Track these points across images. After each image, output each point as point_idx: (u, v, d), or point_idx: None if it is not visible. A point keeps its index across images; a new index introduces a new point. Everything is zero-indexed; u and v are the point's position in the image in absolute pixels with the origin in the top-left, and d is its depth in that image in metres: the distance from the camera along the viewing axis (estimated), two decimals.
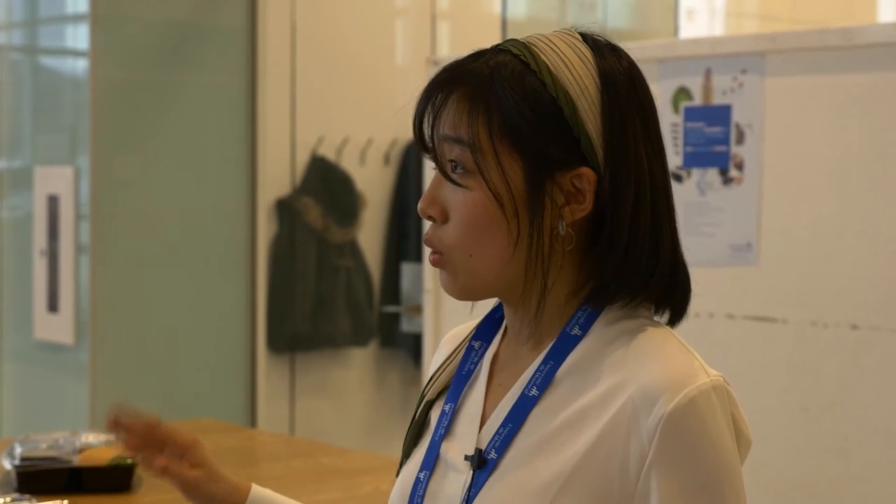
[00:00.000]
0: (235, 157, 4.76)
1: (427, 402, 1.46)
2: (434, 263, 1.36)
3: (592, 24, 1.40)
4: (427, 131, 1.34)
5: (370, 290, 5.17)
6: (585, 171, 1.31)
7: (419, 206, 1.35)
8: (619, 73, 1.33)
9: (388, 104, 5.13)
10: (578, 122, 1.30)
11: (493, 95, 1.30)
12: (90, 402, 4.41)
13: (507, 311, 1.40)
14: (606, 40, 1.37)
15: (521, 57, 1.32)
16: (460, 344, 1.47)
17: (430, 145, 1.35)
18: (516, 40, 1.36)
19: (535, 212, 1.30)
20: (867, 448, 2.80)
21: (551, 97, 1.30)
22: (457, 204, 1.32)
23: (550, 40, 1.34)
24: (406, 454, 1.45)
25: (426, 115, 1.34)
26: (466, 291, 1.36)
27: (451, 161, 1.32)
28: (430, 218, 1.35)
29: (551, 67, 1.31)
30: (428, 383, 1.47)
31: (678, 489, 1.24)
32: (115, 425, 1.55)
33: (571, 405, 1.30)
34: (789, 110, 2.95)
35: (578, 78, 1.31)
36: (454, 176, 1.32)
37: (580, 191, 1.31)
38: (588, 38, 1.36)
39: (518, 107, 1.30)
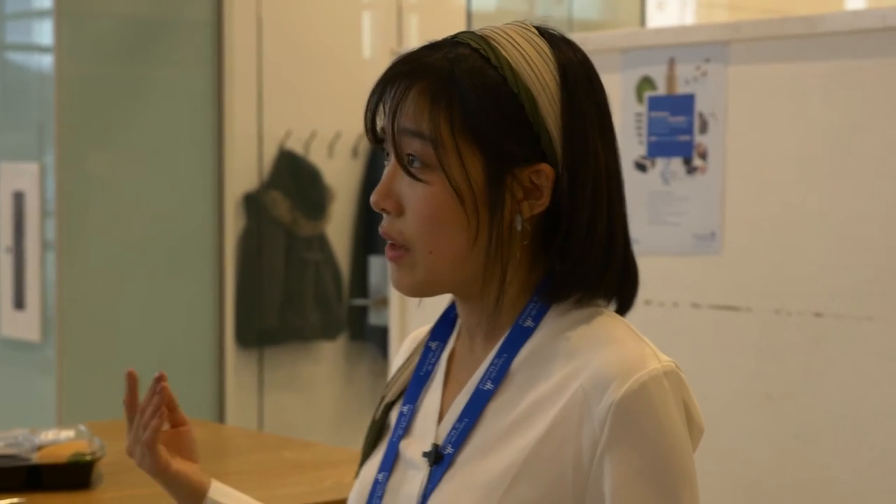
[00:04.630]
0: (202, 152, 4.74)
1: (386, 404, 1.45)
2: (393, 259, 1.34)
3: (548, 16, 1.40)
4: (379, 122, 1.33)
5: (339, 284, 5.16)
6: (544, 167, 1.31)
7: (372, 198, 1.33)
8: (576, 68, 1.33)
9: (355, 97, 5.05)
10: (539, 118, 1.30)
11: (454, 90, 1.29)
12: (57, 400, 4.38)
13: (461, 308, 1.39)
14: (560, 33, 1.36)
15: (482, 51, 1.31)
16: (418, 345, 1.47)
17: (382, 136, 1.34)
18: (473, 33, 1.35)
19: (495, 207, 1.30)
20: (832, 435, 2.81)
21: (512, 93, 1.30)
22: (414, 198, 1.31)
23: (508, 34, 1.33)
24: (365, 456, 1.45)
25: (380, 107, 1.33)
26: (421, 288, 1.34)
27: (409, 154, 1.31)
28: (384, 211, 1.34)
29: (512, 63, 1.31)
30: (387, 386, 1.47)
31: (631, 473, 1.24)
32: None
33: (526, 397, 1.30)
34: (753, 99, 2.95)
35: (539, 73, 1.31)
36: (412, 169, 1.31)
37: (538, 186, 1.31)
38: (544, 32, 1.35)
39: (480, 102, 1.29)
